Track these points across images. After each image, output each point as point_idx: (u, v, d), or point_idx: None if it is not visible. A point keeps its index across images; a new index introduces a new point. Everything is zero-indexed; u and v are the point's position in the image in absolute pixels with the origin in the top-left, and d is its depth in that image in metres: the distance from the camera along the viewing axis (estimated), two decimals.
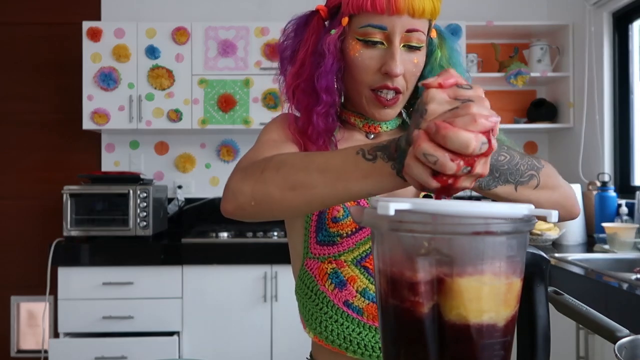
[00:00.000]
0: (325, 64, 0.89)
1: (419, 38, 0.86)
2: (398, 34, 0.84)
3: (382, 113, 0.90)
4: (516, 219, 0.50)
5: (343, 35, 0.89)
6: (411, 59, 0.87)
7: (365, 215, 0.55)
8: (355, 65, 0.88)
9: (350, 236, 0.89)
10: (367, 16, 0.84)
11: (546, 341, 0.58)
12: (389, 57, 0.85)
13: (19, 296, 3.24)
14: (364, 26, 0.85)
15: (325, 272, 0.90)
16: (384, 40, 0.85)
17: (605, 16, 2.85)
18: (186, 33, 3.01)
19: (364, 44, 0.86)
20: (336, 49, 0.89)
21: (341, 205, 0.88)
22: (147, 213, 2.86)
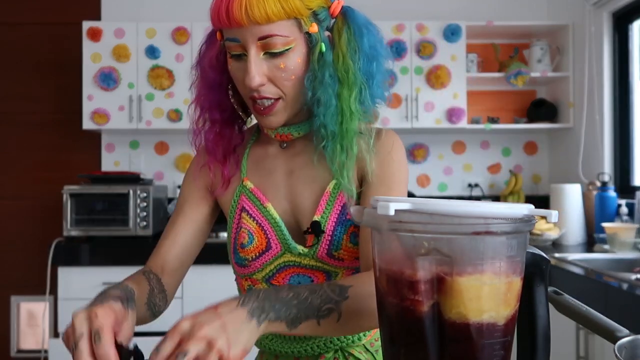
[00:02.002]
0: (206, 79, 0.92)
1: (280, 42, 0.82)
2: (251, 44, 0.82)
3: (265, 121, 0.89)
4: (516, 219, 0.50)
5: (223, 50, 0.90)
6: (276, 65, 0.84)
7: (366, 215, 0.55)
8: (233, 78, 0.88)
9: (256, 259, 0.94)
10: (224, 31, 0.85)
11: (546, 341, 0.58)
12: (245, 70, 0.84)
13: (19, 296, 3.24)
14: (225, 40, 0.85)
15: (244, 287, 1.01)
16: (244, 51, 0.84)
17: (605, 16, 2.85)
18: (186, 33, 3.01)
19: (231, 57, 0.86)
20: (219, 63, 0.91)
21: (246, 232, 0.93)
22: (147, 213, 2.86)
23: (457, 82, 3.07)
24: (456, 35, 3.06)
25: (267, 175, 0.97)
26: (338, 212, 0.91)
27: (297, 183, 0.95)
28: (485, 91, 3.37)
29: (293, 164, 0.96)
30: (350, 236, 0.91)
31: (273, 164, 0.97)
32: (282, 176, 0.96)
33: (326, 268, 0.92)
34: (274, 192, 0.96)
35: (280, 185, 0.96)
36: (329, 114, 0.88)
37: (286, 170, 0.96)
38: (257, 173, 0.97)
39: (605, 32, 2.86)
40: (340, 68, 0.87)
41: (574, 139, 3.11)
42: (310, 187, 0.94)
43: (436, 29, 3.08)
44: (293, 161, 0.96)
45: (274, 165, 0.97)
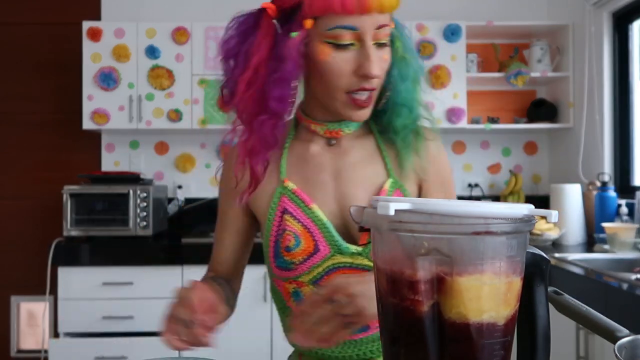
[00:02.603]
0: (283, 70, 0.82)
1: (386, 33, 0.84)
2: (369, 32, 0.81)
3: (359, 114, 0.87)
4: (516, 219, 0.50)
5: (307, 39, 0.82)
6: (381, 56, 0.84)
7: (366, 215, 0.55)
8: (328, 69, 0.83)
9: (303, 262, 0.91)
10: (334, 18, 0.79)
11: (546, 341, 0.58)
12: (365, 59, 0.81)
13: (19, 296, 3.24)
14: (333, 28, 0.80)
15: (288, 290, 0.95)
16: (355, 40, 0.81)
17: (605, 16, 2.85)
18: (186, 33, 3.01)
19: (334, 46, 0.81)
20: (298, 54, 0.82)
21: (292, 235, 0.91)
22: (147, 213, 2.86)
23: (457, 82, 3.07)
24: (456, 35, 3.06)
25: (312, 176, 0.93)
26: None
27: (348, 183, 0.93)
28: (485, 91, 3.37)
29: (341, 163, 0.93)
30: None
31: (318, 164, 0.94)
32: (329, 176, 0.93)
33: None
34: (320, 192, 0.92)
35: (327, 185, 0.93)
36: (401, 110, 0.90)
37: (334, 170, 0.93)
38: (299, 173, 0.94)
39: (605, 32, 2.85)
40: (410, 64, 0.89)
41: (574, 139, 3.11)
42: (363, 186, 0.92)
43: (436, 29, 3.08)
44: (341, 160, 0.94)
45: (320, 164, 0.94)
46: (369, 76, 0.81)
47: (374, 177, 0.93)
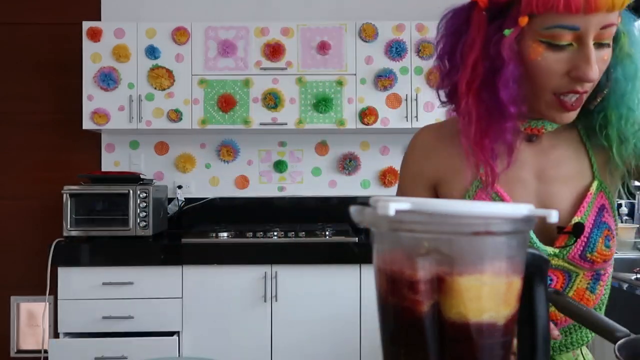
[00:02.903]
0: (505, 72, 0.78)
1: (610, 33, 0.76)
2: (592, 32, 0.74)
3: (564, 117, 0.81)
4: (516, 219, 0.50)
5: (520, 36, 0.78)
6: (601, 57, 0.77)
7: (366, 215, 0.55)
8: (538, 69, 0.78)
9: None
10: (555, 16, 0.73)
11: (546, 341, 0.58)
12: (583, 61, 0.75)
13: (19, 296, 3.24)
14: (551, 27, 0.74)
15: None
16: (574, 41, 0.75)
17: None
18: (186, 33, 3.01)
19: (548, 46, 0.76)
20: (514, 53, 0.78)
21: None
22: (147, 213, 2.86)
23: None
24: None
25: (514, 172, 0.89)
26: (595, 214, 0.87)
27: (551, 182, 0.89)
28: None
29: (544, 161, 0.90)
30: (605, 239, 0.86)
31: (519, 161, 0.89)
32: (530, 174, 0.90)
33: (570, 269, 0.88)
34: (520, 190, 0.89)
35: (528, 183, 0.90)
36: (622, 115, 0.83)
37: (536, 168, 0.90)
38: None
39: None
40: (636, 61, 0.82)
41: None
42: (568, 186, 0.89)
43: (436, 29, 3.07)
44: (544, 158, 0.90)
45: (520, 161, 0.89)
46: (584, 80, 0.76)
47: (579, 177, 0.89)
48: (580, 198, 0.88)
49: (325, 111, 3.01)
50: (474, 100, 0.81)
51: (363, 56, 3.02)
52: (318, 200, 3.35)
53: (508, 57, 0.77)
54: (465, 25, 0.83)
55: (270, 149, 3.37)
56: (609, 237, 0.87)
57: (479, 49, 0.79)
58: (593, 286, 0.89)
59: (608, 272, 0.91)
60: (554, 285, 0.88)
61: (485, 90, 0.80)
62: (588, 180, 0.89)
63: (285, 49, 3.02)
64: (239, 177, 3.36)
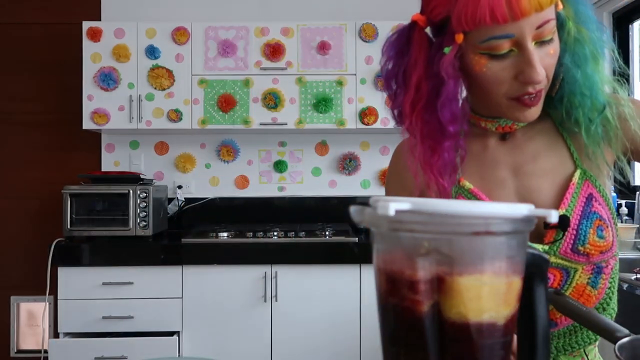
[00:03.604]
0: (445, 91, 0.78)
1: (550, 28, 0.75)
2: (528, 36, 0.73)
3: (527, 115, 0.81)
4: (516, 219, 0.50)
5: (459, 52, 0.78)
6: (547, 52, 0.76)
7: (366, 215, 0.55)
8: (486, 80, 0.78)
9: None
10: (486, 29, 0.73)
11: (546, 341, 0.58)
12: (526, 65, 0.75)
13: (19, 296, 3.24)
14: (486, 40, 0.74)
15: None
16: (513, 46, 0.75)
17: (605, 16, 2.85)
18: (186, 33, 3.02)
19: (490, 57, 0.76)
20: (454, 70, 0.78)
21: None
22: (147, 213, 2.86)
23: None
24: None
25: (489, 173, 0.89)
26: (583, 204, 0.84)
27: (531, 176, 0.87)
28: None
29: (520, 156, 0.89)
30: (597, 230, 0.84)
31: (493, 160, 0.90)
32: (508, 172, 0.89)
33: (566, 265, 0.85)
34: (499, 190, 0.88)
35: (507, 182, 0.88)
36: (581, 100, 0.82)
37: (512, 165, 0.89)
38: (475, 171, 0.90)
39: None
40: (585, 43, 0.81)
41: None
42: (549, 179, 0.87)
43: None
44: (519, 153, 0.89)
45: (495, 161, 0.89)
46: (531, 82, 0.76)
47: (559, 168, 0.87)
48: (563, 189, 0.86)
49: (325, 111, 3.01)
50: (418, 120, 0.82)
51: (363, 56, 3.02)
52: (318, 200, 3.35)
53: (448, 75, 0.77)
54: (407, 45, 0.83)
55: (270, 149, 3.37)
56: (602, 227, 0.84)
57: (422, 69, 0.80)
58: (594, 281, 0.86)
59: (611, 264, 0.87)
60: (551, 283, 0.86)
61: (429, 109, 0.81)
62: (570, 170, 0.87)
63: (285, 49, 3.02)
64: (239, 177, 3.36)
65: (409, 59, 0.82)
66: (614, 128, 0.84)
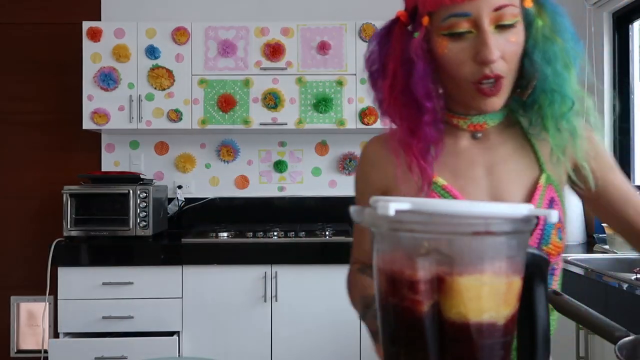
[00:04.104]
0: (416, 70, 0.84)
1: (511, 13, 0.79)
2: (485, 16, 0.78)
3: (487, 104, 0.84)
4: (516, 219, 0.50)
5: (428, 36, 0.84)
6: (507, 39, 0.80)
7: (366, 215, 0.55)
8: (447, 61, 0.82)
9: None
10: (446, 8, 0.79)
11: (546, 341, 0.58)
12: (481, 45, 0.79)
13: (19, 296, 3.24)
14: (446, 18, 0.79)
15: None
16: (472, 27, 0.79)
17: (605, 16, 2.85)
18: (186, 33, 3.01)
19: (450, 37, 0.81)
20: (424, 52, 0.84)
21: None
22: (147, 213, 2.86)
23: None
24: None
25: (463, 171, 0.91)
26: (547, 207, 0.88)
27: (502, 178, 0.90)
28: None
29: (493, 157, 0.91)
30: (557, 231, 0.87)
31: (468, 159, 0.92)
32: (481, 171, 0.91)
33: None
34: (472, 188, 0.90)
35: (480, 180, 0.91)
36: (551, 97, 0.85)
37: (486, 165, 0.91)
38: (448, 168, 0.91)
39: (605, 32, 2.85)
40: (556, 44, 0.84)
41: None
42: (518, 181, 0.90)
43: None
44: (492, 154, 0.92)
45: (470, 159, 0.92)
46: (485, 61, 0.79)
47: (528, 171, 0.91)
48: (531, 192, 0.89)
49: (325, 111, 3.01)
50: (396, 103, 0.87)
51: (363, 56, 3.02)
52: (318, 200, 3.35)
53: (417, 56, 0.83)
54: (388, 37, 0.89)
55: (270, 149, 3.37)
56: (561, 229, 0.88)
57: (399, 57, 0.86)
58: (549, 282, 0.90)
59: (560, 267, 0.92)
60: None
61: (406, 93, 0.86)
62: (536, 174, 0.90)
63: (285, 49, 3.02)
64: (239, 177, 3.36)
65: (387, 48, 0.89)
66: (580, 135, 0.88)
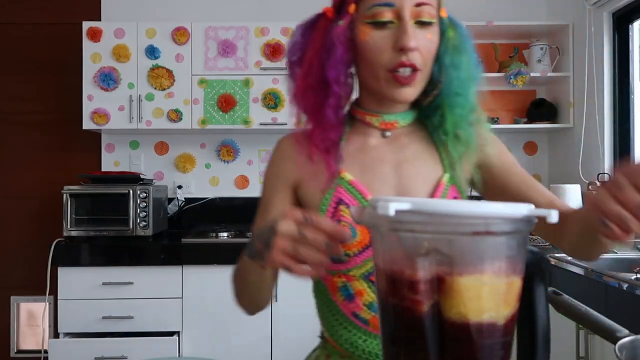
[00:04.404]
0: (335, 54, 0.88)
1: (429, 12, 0.85)
2: (407, 9, 0.84)
3: (401, 93, 0.87)
4: (516, 219, 0.50)
5: (352, 24, 0.88)
6: (424, 35, 0.86)
7: (366, 215, 0.55)
8: (368, 48, 0.87)
9: (358, 255, 0.90)
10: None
11: (546, 341, 0.58)
12: (402, 33, 0.84)
13: (19, 296, 3.24)
14: (372, 7, 0.85)
15: (336, 285, 0.93)
16: (394, 18, 0.85)
17: (605, 16, 2.85)
18: (186, 33, 3.01)
19: (373, 26, 0.86)
20: (346, 39, 0.88)
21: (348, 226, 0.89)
22: (147, 213, 2.86)
23: None
24: None
25: (371, 167, 0.94)
26: None
27: (409, 176, 0.94)
28: (485, 91, 3.36)
29: (401, 156, 0.95)
30: None
31: (377, 156, 0.94)
32: (389, 169, 0.94)
33: None
34: (379, 184, 0.93)
35: (387, 177, 0.94)
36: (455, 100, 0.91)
37: (394, 162, 0.94)
38: (357, 165, 0.94)
39: (605, 32, 2.85)
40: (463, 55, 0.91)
41: (573, 139, 3.11)
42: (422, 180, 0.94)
43: None
44: (401, 153, 0.95)
45: (379, 157, 0.94)
46: (404, 48, 0.83)
47: (432, 172, 0.94)
48: (434, 190, 0.93)
49: None
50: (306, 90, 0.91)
51: None
52: None
53: (338, 41, 0.88)
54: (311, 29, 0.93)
55: (270, 149, 3.36)
56: None
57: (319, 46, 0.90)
58: None
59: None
60: None
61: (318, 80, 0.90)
62: (440, 173, 0.95)
63: (285, 49, 3.02)
64: (239, 177, 3.36)
65: (309, 39, 0.92)
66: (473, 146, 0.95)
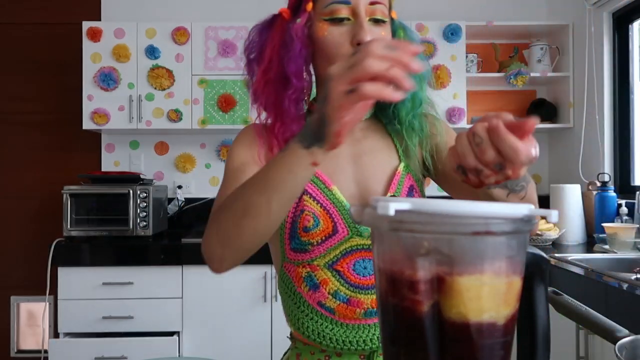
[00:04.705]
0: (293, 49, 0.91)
1: (382, 11, 0.90)
2: (362, 6, 0.88)
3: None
4: (516, 219, 0.50)
5: (310, 22, 0.92)
6: (379, 32, 0.90)
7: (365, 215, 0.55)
8: (326, 44, 0.90)
9: (321, 244, 0.92)
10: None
11: (546, 341, 0.58)
12: (358, 28, 0.88)
13: (19, 296, 3.24)
14: (329, 4, 0.89)
15: (300, 275, 0.94)
16: (350, 15, 0.89)
17: (605, 16, 2.85)
18: (186, 33, 3.02)
19: (330, 22, 0.90)
20: (304, 35, 0.92)
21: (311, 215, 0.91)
22: (147, 213, 2.86)
23: (457, 82, 3.07)
24: (456, 36, 3.06)
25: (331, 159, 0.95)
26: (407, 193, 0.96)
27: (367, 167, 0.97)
28: (485, 91, 3.37)
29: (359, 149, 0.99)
30: None
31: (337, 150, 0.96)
32: (348, 159, 0.98)
33: None
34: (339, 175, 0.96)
35: (346, 168, 0.97)
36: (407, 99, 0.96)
37: (352, 154, 0.98)
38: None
39: (605, 32, 2.86)
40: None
41: (573, 139, 3.11)
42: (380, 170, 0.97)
43: (436, 29, 3.08)
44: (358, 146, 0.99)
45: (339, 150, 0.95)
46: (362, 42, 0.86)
47: (389, 162, 0.99)
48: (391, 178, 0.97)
49: None
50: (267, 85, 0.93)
51: None
52: None
53: (297, 37, 0.91)
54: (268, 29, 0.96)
55: None
56: None
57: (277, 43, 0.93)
58: None
59: None
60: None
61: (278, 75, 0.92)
62: (396, 163, 0.99)
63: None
64: None
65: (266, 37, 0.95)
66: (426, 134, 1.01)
